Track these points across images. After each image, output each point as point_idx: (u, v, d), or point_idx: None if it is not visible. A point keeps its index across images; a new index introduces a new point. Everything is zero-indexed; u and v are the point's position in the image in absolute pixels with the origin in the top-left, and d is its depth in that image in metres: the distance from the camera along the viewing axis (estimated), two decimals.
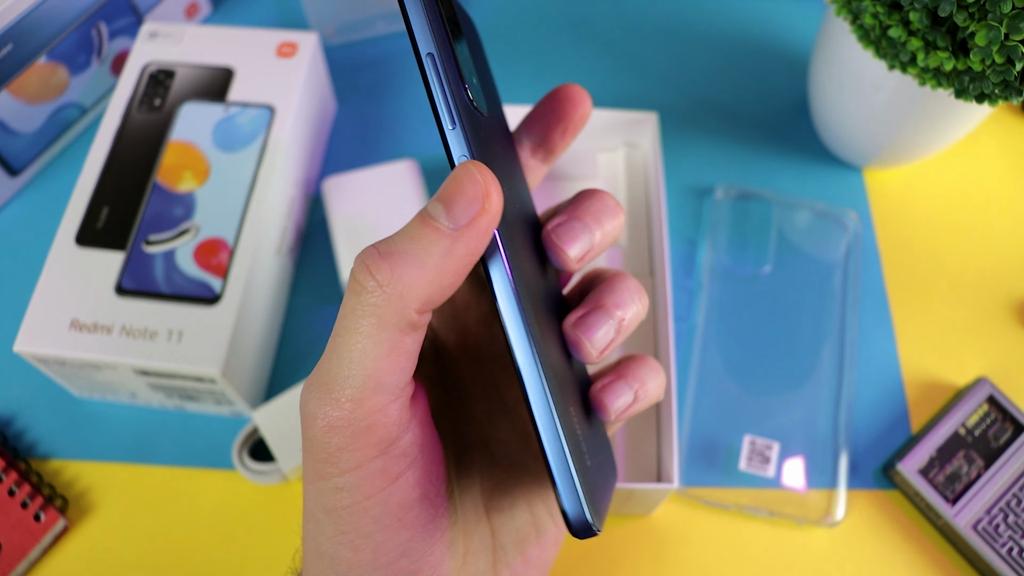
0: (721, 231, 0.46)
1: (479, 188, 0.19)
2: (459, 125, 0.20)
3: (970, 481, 0.38)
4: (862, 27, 0.37)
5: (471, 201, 0.19)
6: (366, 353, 0.19)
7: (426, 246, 0.19)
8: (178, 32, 0.45)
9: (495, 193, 0.19)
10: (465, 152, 0.20)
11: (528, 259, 0.22)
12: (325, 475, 0.19)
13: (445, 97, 0.20)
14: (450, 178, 0.19)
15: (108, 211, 0.39)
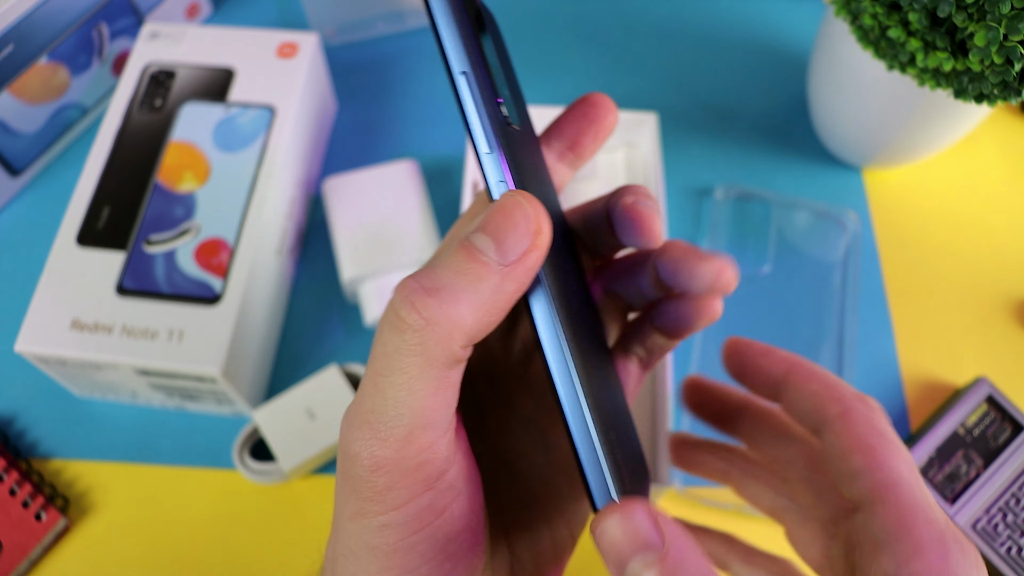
0: (721, 231, 0.46)
1: (531, 224, 0.18)
2: (496, 148, 0.19)
3: (969, 481, 0.38)
4: (861, 27, 0.37)
5: (522, 236, 0.18)
6: (414, 392, 0.18)
7: (474, 282, 0.18)
8: (179, 33, 0.45)
9: (546, 228, 0.18)
10: (503, 178, 0.19)
11: (563, 269, 0.22)
12: (369, 513, 0.19)
13: (480, 119, 0.19)
14: (498, 209, 0.18)
15: (109, 211, 0.39)
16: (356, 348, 0.42)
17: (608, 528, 0.18)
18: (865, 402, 0.22)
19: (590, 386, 0.20)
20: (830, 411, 0.22)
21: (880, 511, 0.20)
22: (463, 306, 0.18)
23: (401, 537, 0.19)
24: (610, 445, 0.20)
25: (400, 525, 0.19)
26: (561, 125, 0.25)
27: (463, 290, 0.18)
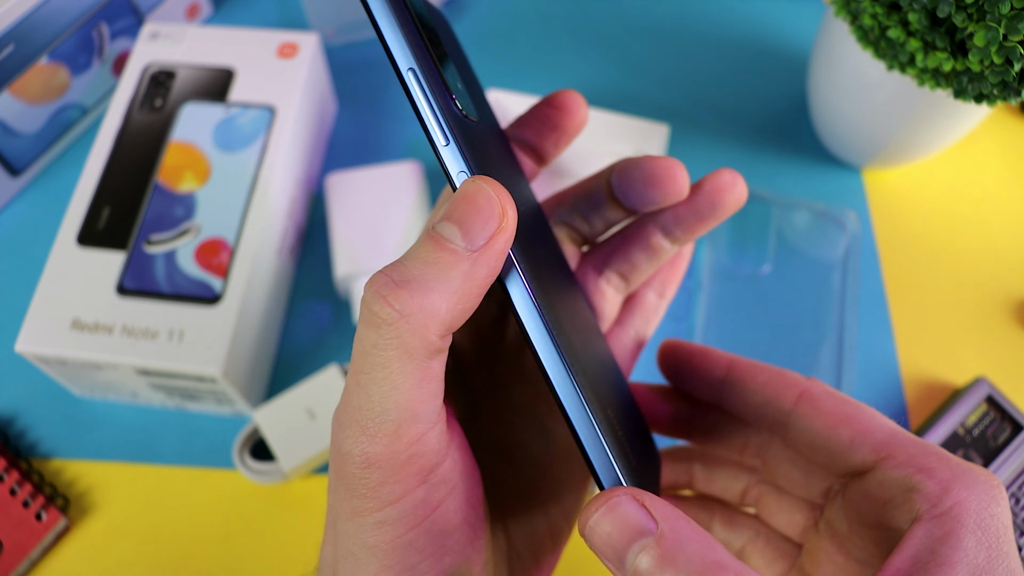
0: (720, 231, 0.46)
1: (494, 206, 0.18)
2: (452, 140, 0.19)
3: None
4: (861, 28, 0.38)
5: (487, 220, 0.18)
6: (396, 386, 0.18)
7: (444, 270, 0.18)
8: (179, 33, 0.45)
9: (511, 209, 0.18)
10: (463, 168, 0.19)
11: (539, 253, 0.22)
12: (364, 511, 0.19)
13: (434, 113, 0.19)
14: (460, 196, 0.18)
15: (109, 211, 0.39)
16: None
17: (597, 525, 0.18)
18: (816, 381, 0.23)
19: (580, 366, 0.20)
20: (788, 397, 0.22)
21: (893, 464, 0.20)
22: (435, 295, 0.18)
23: (399, 534, 0.19)
24: (610, 425, 0.20)
25: (396, 521, 0.19)
26: (522, 126, 0.25)
27: (433, 279, 0.18)
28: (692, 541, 0.17)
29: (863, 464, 0.21)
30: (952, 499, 0.18)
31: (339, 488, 0.19)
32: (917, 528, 0.18)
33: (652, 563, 0.17)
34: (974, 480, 0.19)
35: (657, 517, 0.17)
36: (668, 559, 0.17)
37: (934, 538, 0.18)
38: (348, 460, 0.18)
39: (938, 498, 0.18)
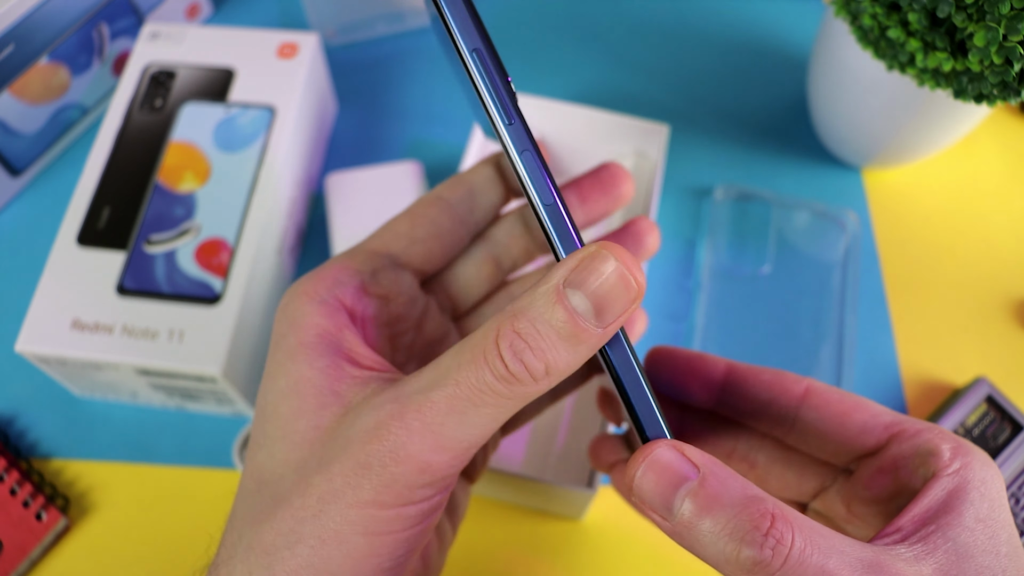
0: (720, 231, 0.46)
1: (632, 292, 0.18)
2: (516, 119, 0.19)
3: None
4: (861, 28, 0.38)
5: (625, 306, 0.18)
6: (496, 421, 0.19)
7: (575, 345, 0.18)
8: (179, 33, 0.45)
9: (643, 283, 0.18)
10: (526, 147, 0.19)
11: None
12: (387, 505, 0.19)
13: (498, 92, 0.19)
14: (591, 267, 0.18)
15: (109, 211, 0.39)
16: None
17: (641, 480, 0.19)
18: (814, 379, 0.24)
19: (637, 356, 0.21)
20: (794, 393, 0.24)
21: (905, 437, 0.22)
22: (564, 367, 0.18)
23: (406, 527, 0.19)
24: (654, 392, 0.21)
25: (410, 518, 0.19)
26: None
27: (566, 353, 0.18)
28: (731, 480, 0.18)
29: (876, 444, 0.22)
30: (960, 462, 0.20)
31: (362, 478, 0.19)
32: (933, 483, 0.20)
33: (698, 506, 0.18)
34: (974, 450, 0.21)
35: (696, 462, 0.18)
36: (712, 500, 0.18)
37: (947, 491, 0.20)
38: (408, 462, 0.19)
39: (950, 460, 0.20)
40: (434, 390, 0.19)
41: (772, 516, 0.17)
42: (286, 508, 0.19)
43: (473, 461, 0.28)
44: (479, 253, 0.27)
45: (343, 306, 0.22)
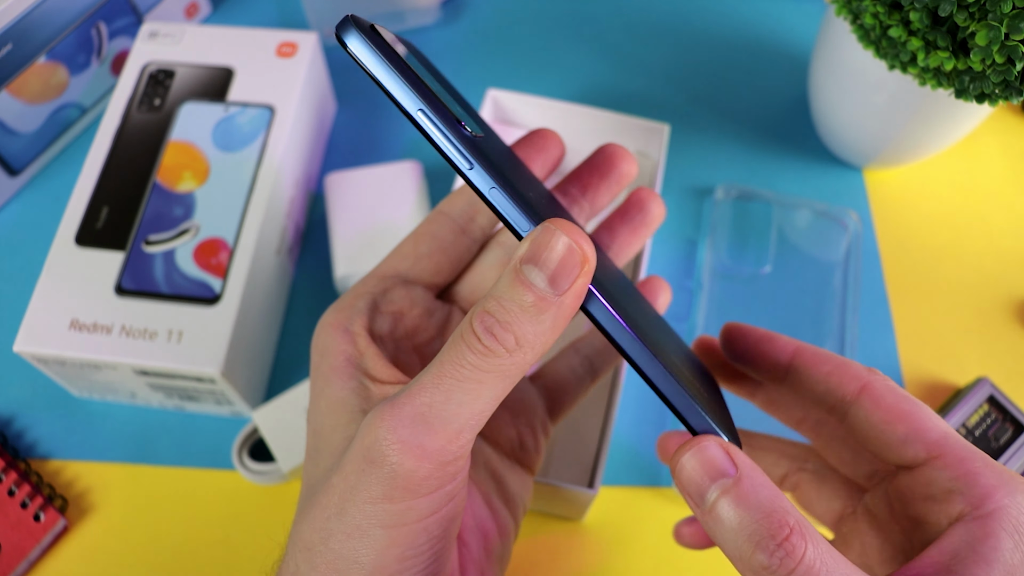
0: (721, 231, 0.46)
1: (576, 255, 0.20)
2: (475, 163, 0.21)
3: None
4: (862, 27, 0.37)
5: (572, 269, 0.19)
6: (481, 398, 0.20)
7: (537, 315, 0.20)
8: (178, 32, 0.45)
9: (590, 251, 0.20)
10: (493, 183, 0.21)
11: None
12: (397, 499, 0.20)
13: (451, 143, 0.21)
14: (541, 243, 0.20)
15: (108, 211, 0.39)
16: None
17: (686, 463, 0.20)
18: (878, 373, 0.24)
19: (651, 340, 0.22)
20: (849, 388, 0.24)
21: (942, 465, 0.21)
22: (533, 337, 0.20)
23: (420, 517, 0.20)
24: (694, 387, 0.22)
25: (422, 508, 0.20)
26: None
27: (532, 324, 0.20)
28: (764, 488, 0.19)
29: (914, 459, 0.22)
30: (994, 503, 0.20)
31: (370, 474, 0.20)
32: (958, 526, 0.20)
33: (727, 501, 0.19)
34: (1016, 488, 0.20)
35: (737, 463, 0.20)
36: (742, 499, 0.19)
37: (974, 536, 0.19)
38: (406, 450, 0.20)
39: (981, 501, 0.20)
40: (422, 375, 0.20)
41: (791, 528, 0.18)
42: (318, 508, 0.21)
43: (526, 449, 0.28)
44: (493, 256, 0.28)
45: (363, 329, 0.25)
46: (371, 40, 0.21)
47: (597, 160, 0.28)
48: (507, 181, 0.21)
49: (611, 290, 0.22)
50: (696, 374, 0.25)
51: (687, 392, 0.21)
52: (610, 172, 0.28)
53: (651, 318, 0.26)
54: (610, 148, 0.28)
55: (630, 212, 0.29)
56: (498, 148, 0.24)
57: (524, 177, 0.24)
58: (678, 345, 0.26)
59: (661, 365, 0.21)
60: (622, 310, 0.21)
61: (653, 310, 0.28)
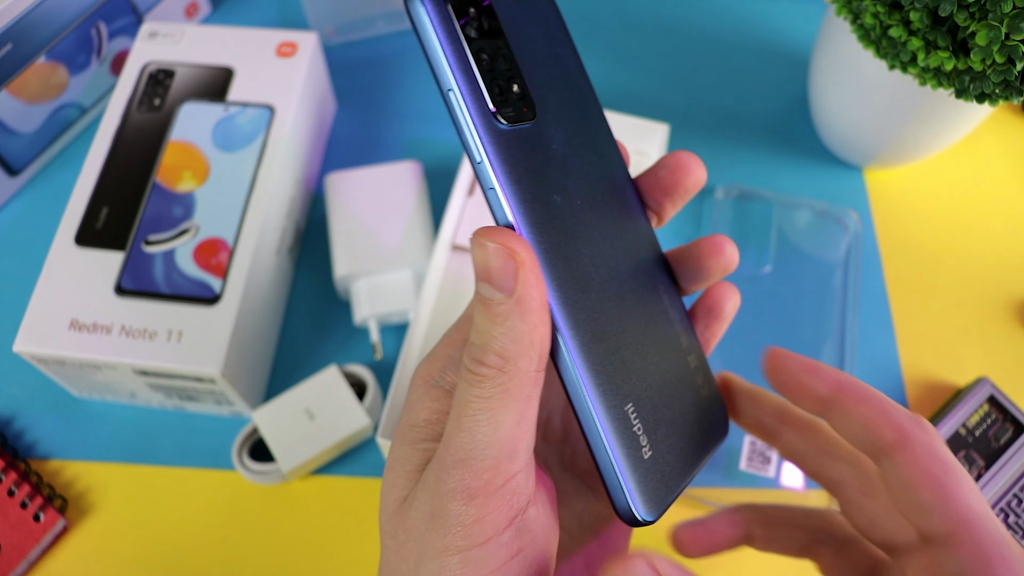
0: (721, 231, 0.46)
1: (505, 253, 0.20)
2: (484, 159, 0.20)
3: None
4: (862, 27, 0.37)
5: (508, 267, 0.20)
6: (499, 424, 0.20)
7: (504, 322, 0.20)
8: (178, 32, 0.45)
9: (519, 246, 0.20)
10: (492, 184, 0.20)
11: (596, 243, 0.23)
12: (454, 550, 0.20)
13: (471, 131, 0.20)
14: (477, 258, 0.20)
15: (108, 211, 0.39)
16: (355, 348, 0.42)
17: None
18: (921, 426, 0.22)
19: (612, 376, 0.22)
20: (886, 437, 0.22)
21: (956, 550, 0.20)
22: (511, 344, 0.20)
23: (495, 565, 0.20)
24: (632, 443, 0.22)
25: (480, 561, 0.20)
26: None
27: (503, 333, 0.20)
28: None
29: (931, 533, 0.21)
30: None
31: (432, 527, 0.20)
32: None
33: None
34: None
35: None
36: None
37: None
38: (453, 497, 0.20)
39: None
40: (447, 427, 0.21)
41: None
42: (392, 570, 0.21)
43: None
44: None
45: (452, 386, 0.24)
46: (432, 5, 0.20)
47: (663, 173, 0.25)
48: (517, 183, 0.20)
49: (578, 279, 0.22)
50: (671, 384, 0.24)
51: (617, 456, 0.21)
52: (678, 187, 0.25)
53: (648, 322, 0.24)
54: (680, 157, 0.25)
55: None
56: (555, 130, 0.23)
57: (579, 166, 0.23)
58: (675, 365, 0.25)
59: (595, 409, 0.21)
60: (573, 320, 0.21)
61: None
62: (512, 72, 0.22)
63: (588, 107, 0.25)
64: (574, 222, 0.22)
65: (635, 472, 0.22)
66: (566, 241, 0.22)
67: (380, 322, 0.42)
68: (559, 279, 0.21)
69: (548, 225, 0.21)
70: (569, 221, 0.22)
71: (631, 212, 0.25)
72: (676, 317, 0.25)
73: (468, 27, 0.21)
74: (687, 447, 0.24)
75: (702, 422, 0.25)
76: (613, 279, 0.23)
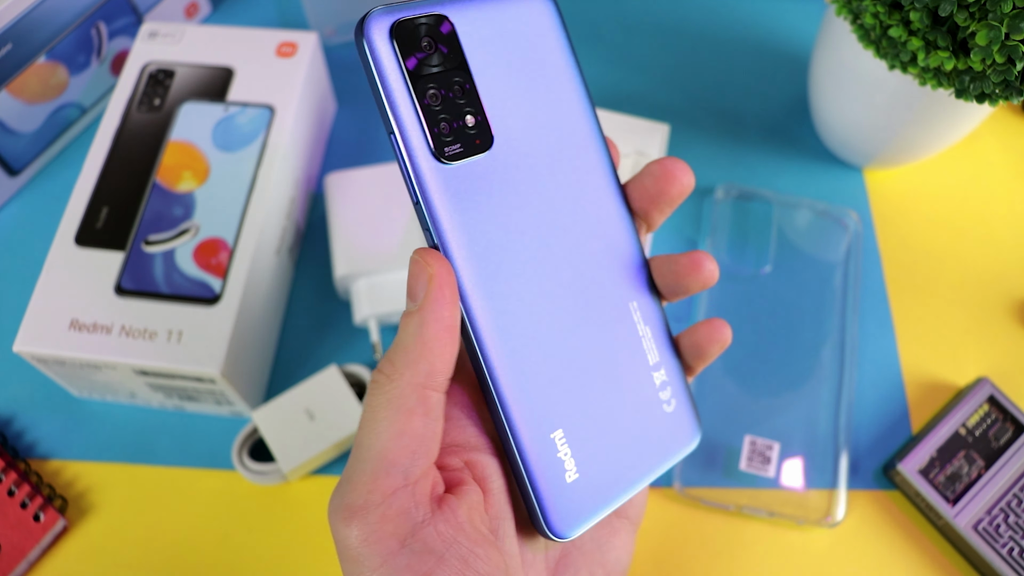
0: (721, 231, 0.46)
1: (420, 268, 0.21)
2: (420, 199, 0.21)
3: (971, 481, 0.38)
4: (862, 27, 0.37)
5: (417, 279, 0.21)
6: (378, 434, 0.20)
7: (404, 329, 0.21)
8: (178, 32, 0.45)
9: (435, 264, 0.21)
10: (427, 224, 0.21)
11: (552, 265, 0.23)
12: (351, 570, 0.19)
13: (407, 174, 0.21)
14: (408, 275, 0.22)
15: (108, 211, 0.39)
16: (355, 348, 0.42)
17: None
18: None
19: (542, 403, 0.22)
20: None
21: None
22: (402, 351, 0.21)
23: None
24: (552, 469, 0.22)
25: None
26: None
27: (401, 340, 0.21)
28: None
29: None
30: None
31: (339, 557, 0.20)
32: None
33: None
34: None
35: None
36: None
37: None
38: (336, 517, 0.20)
39: None
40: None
41: None
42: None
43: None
44: None
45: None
46: (377, 48, 0.20)
47: (648, 181, 0.25)
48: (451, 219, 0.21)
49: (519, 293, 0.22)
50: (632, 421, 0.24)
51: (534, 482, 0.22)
52: (663, 195, 0.25)
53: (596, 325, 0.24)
54: (665, 165, 0.25)
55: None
56: (517, 161, 0.22)
57: (530, 199, 0.23)
58: (633, 383, 0.24)
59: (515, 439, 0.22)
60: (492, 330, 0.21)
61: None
62: (467, 102, 0.22)
63: (571, 117, 0.24)
64: (523, 247, 0.22)
65: (550, 496, 0.22)
66: (506, 267, 0.22)
67: (380, 322, 0.42)
68: (490, 302, 0.21)
69: (483, 252, 0.22)
70: (515, 247, 0.22)
71: (606, 224, 0.24)
72: (648, 332, 0.25)
73: (423, 63, 0.21)
74: (635, 462, 0.24)
75: (661, 437, 0.25)
76: (567, 302, 0.23)
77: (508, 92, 0.23)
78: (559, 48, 0.24)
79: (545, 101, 0.23)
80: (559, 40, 0.24)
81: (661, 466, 0.25)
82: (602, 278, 0.24)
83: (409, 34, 0.21)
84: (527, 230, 0.22)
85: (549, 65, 0.24)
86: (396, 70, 0.21)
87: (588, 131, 0.25)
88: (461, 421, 0.23)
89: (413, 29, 0.21)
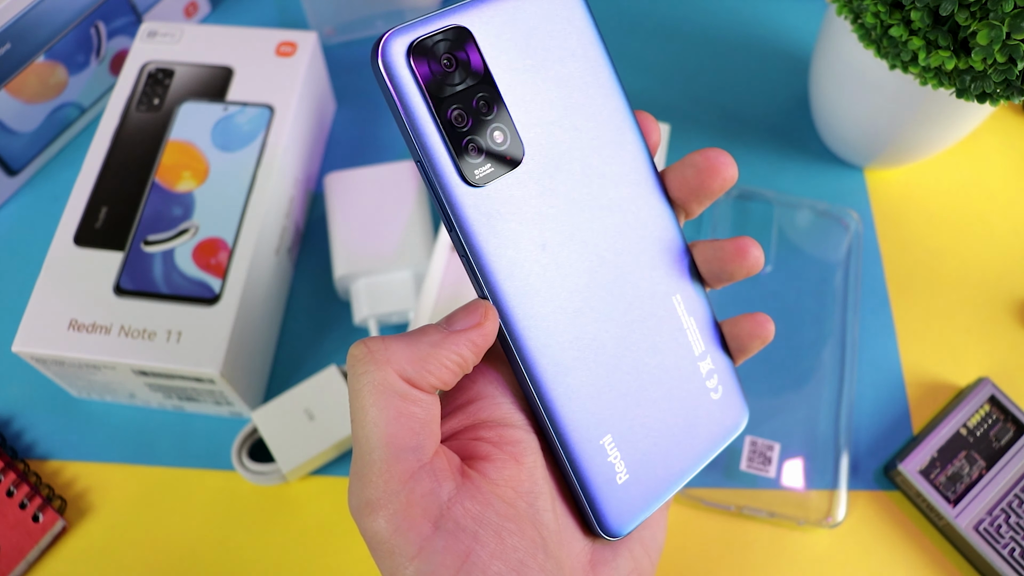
0: (722, 231, 0.46)
1: (478, 312, 0.21)
2: (453, 228, 0.21)
3: (972, 482, 0.38)
4: (863, 26, 0.37)
5: (469, 317, 0.21)
6: (376, 422, 0.19)
7: (419, 334, 0.21)
8: (177, 31, 0.45)
9: (490, 322, 0.21)
10: (464, 251, 0.21)
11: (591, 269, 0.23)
12: (398, 570, 0.18)
13: (438, 202, 0.21)
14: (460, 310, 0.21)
15: (107, 211, 0.39)
16: None
17: None
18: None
19: (590, 411, 0.22)
20: None
21: None
22: (402, 344, 0.20)
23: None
24: (603, 474, 0.22)
25: (432, 574, 0.18)
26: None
27: (409, 337, 0.21)
28: None
29: None
30: None
31: (372, 554, 0.19)
32: None
33: None
34: None
35: None
36: None
37: None
38: (359, 516, 0.19)
39: None
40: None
41: None
42: None
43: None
44: None
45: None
46: (396, 72, 0.19)
47: (689, 172, 0.24)
48: (487, 240, 0.21)
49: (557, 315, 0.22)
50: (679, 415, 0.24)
51: (586, 487, 0.22)
52: (704, 188, 0.24)
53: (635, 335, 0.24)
54: (708, 157, 0.24)
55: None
56: (544, 171, 0.22)
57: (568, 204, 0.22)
58: (679, 377, 0.24)
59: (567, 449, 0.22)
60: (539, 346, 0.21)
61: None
62: (494, 117, 0.21)
63: (604, 109, 0.23)
64: (562, 257, 0.22)
65: (602, 499, 0.22)
66: (547, 281, 0.22)
67: (380, 322, 0.42)
68: (533, 322, 0.21)
69: (523, 272, 0.22)
70: (555, 257, 0.22)
71: (645, 219, 0.24)
72: (693, 323, 0.25)
73: (445, 84, 0.20)
74: (685, 452, 0.24)
75: (709, 425, 0.25)
76: (610, 304, 0.23)
77: (537, 95, 0.22)
78: (587, 37, 0.23)
79: (575, 95, 0.23)
80: (587, 29, 0.23)
81: (711, 453, 0.25)
82: (644, 276, 0.24)
83: (428, 53, 0.20)
84: (566, 237, 0.22)
85: (578, 57, 0.23)
86: (417, 95, 0.20)
87: (622, 122, 0.24)
88: (496, 399, 0.22)
89: (432, 47, 0.20)
